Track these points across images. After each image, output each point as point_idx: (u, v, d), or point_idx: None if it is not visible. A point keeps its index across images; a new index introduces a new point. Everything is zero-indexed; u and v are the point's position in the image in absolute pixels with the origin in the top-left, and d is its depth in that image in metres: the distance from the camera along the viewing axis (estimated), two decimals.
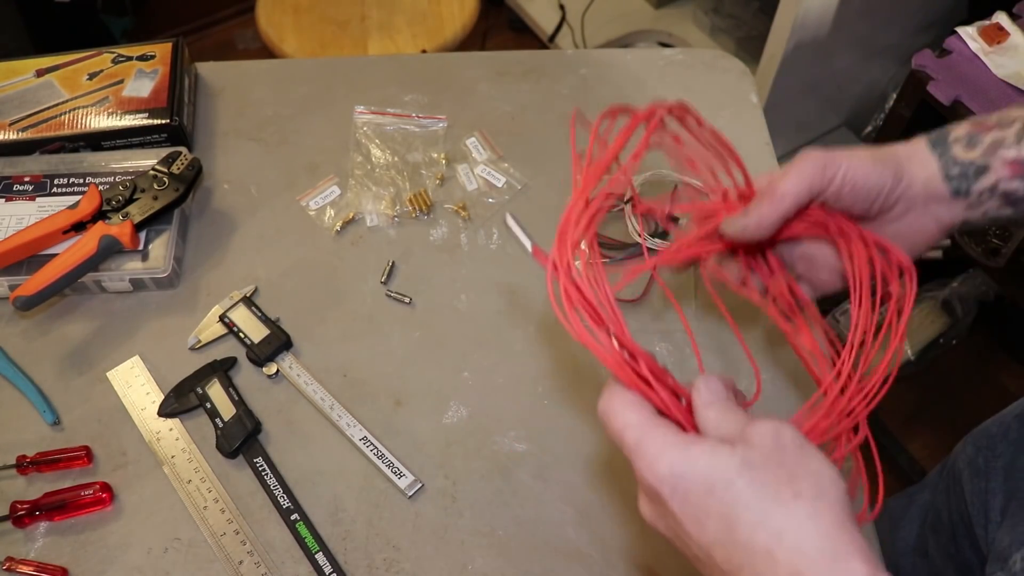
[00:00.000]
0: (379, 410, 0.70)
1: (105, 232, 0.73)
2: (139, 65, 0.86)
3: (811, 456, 0.38)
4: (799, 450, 0.38)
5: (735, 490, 0.37)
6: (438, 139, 0.87)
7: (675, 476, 0.39)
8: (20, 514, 0.63)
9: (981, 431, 0.78)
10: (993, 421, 0.78)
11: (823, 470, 0.37)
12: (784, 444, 0.38)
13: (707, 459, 0.38)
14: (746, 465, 0.37)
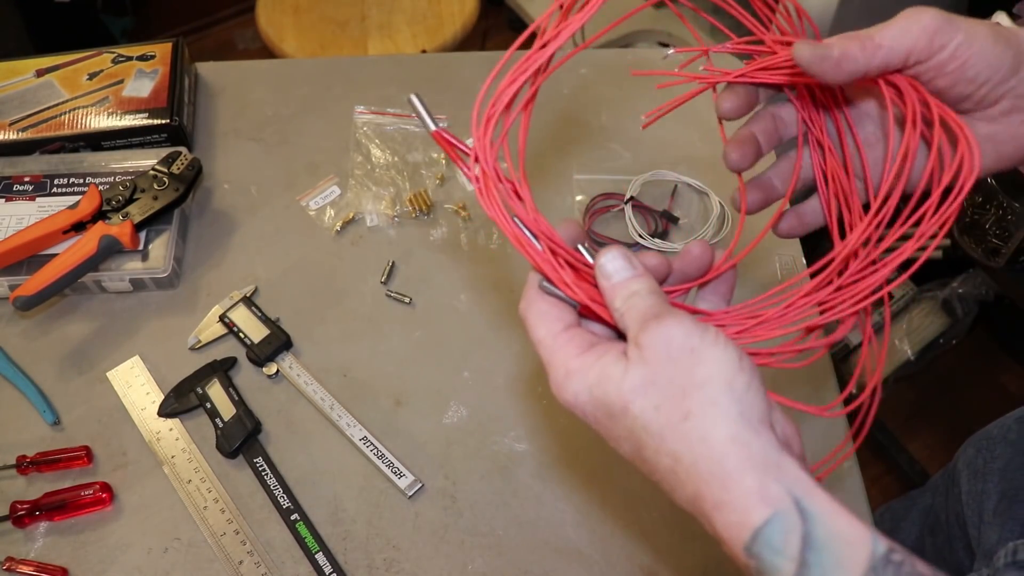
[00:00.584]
0: (379, 410, 0.70)
1: (105, 232, 0.73)
2: (139, 65, 0.86)
3: (702, 360, 0.36)
4: (689, 357, 0.36)
5: (631, 416, 0.37)
6: None
7: (580, 404, 0.39)
8: (20, 514, 0.63)
9: (983, 433, 0.78)
10: (995, 424, 0.78)
11: (715, 375, 0.36)
12: (674, 355, 0.36)
13: (604, 386, 0.38)
14: (639, 388, 0.37)
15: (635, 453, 0.38)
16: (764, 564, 0.33)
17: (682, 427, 0.35)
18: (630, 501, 0.66)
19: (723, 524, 0.34)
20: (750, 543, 0.33)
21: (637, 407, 0.36)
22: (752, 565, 0.33)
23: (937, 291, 1.57)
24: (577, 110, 0.90)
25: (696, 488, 0.35)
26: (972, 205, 1.30)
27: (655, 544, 0.64)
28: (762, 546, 0.33)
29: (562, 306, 0.41)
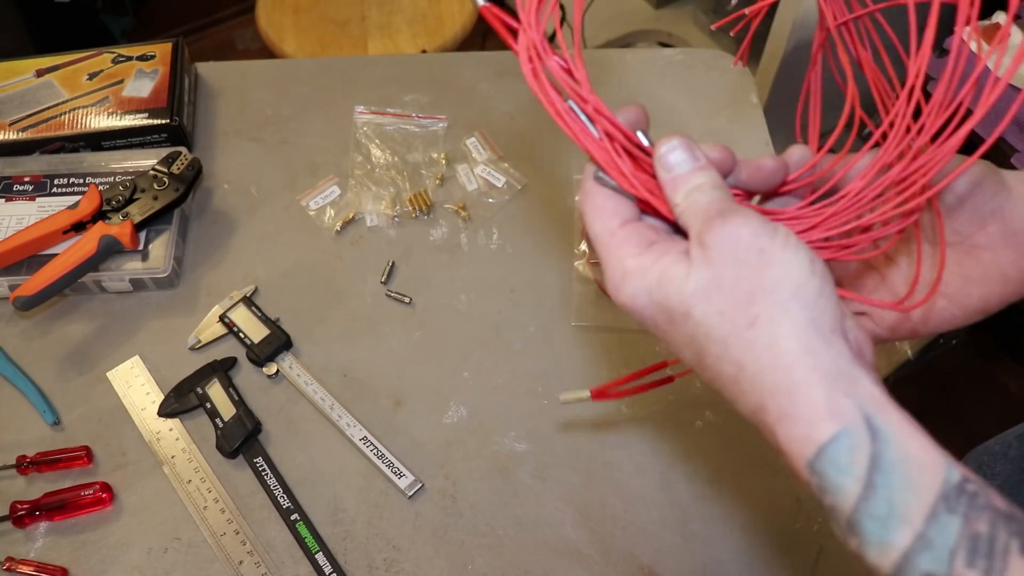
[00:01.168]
0: (379, 410, 0.70)
1: (105, 232, 0.73)
2: (139, 65, 0.86)
3: (771, 263, 0.34)
4: (758, 258, 0.34)
5: (693, 322, 0.35)
6: (438, 139, 0.87)
7: (637, 307, 0.37)
8: (20, 514, 0.63)
9: (983, 449, 0.78)
10: (996, 439, 0.77)
11: (785, 279, 0.33)
12: (741, 256, 0.34)
13: (664, 289, 0.35)
14: (703, 291, 0.34)
15: (696, 360, 0.36)
16: (827, 482, 0.31)
17: (747, 334, 0.33)
18: (630, 501, 0.66)
19: (786, 438, 0.32)
20: (814, 459, 0.31)
21: (700, 312, 0.34)
22: (814, 482, 0.32)
23: None
24: None
25: (760, 399, 0.33)
26: None
27: (655, 544, 0.64)
28: (826, 464, 0.31)
29: (620, 199, 0.38)
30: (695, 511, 0.65)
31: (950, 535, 0.29)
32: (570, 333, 0.74)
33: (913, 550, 0.30)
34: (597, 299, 0.76)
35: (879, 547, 0.30)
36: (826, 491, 0.31)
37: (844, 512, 0.31)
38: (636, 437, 0.69)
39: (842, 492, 0.31)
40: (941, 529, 0.30)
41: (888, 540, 0.30)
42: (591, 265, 0.78)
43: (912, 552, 0.30)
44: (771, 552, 0.64)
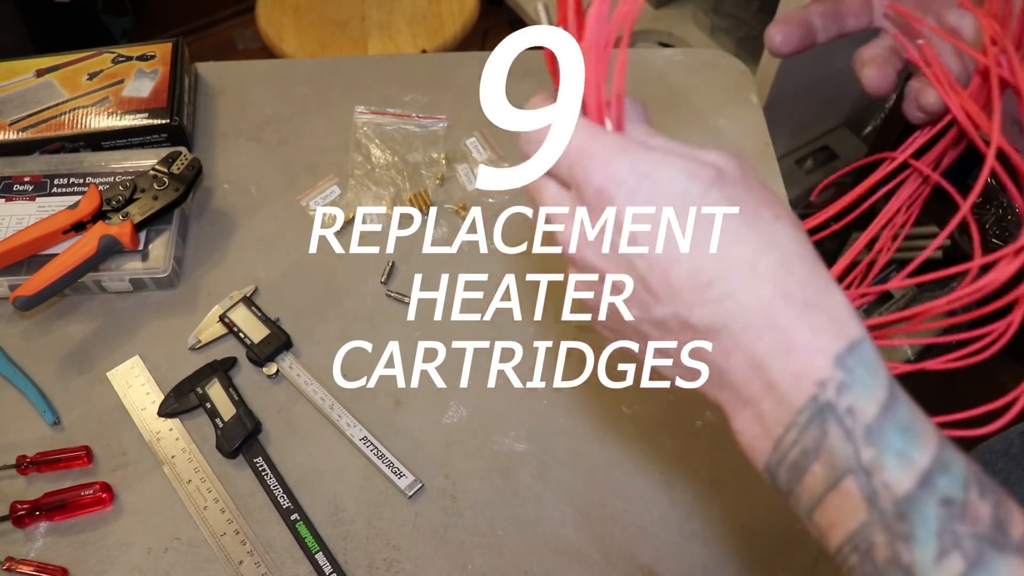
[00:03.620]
0: (379, 410, 0.70)
1: (105, 232, 0.73)
2: (139, 65, 0.86)
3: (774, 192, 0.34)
4: (762, 183, 0.34)
5: (711, 199, 0.32)
6: (438, 139, 0.87)
7: (639, 174, 0.32)
8: (20, 514, 0.63)
9: (985, 447, 0.78)
10: (998, 437, 0.77)
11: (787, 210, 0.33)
12: (748, 173, 0.33)
13: (675, 162, 0.32)
14: (720, 179, 0.32)
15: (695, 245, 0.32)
16: (855, 379, 0.30)
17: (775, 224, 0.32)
18: (630, 501, 0.66)
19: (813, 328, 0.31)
20: (845, 353, 0.30)
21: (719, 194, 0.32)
22: (837, 379, 0.30)
23: (937, 291, 1.57)
24: None
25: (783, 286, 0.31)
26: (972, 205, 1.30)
27: (655, 544, 0.64)
28: (858, 360, 0.30)
29: None
30: (695, 511, 0.65)
31: (960, 463, 0.29)
32: (570, 333, 0.74)
33: (933, 469, 0.29)
34: None
35: (901, 460, 0.29)
36: (849, 390, 0.30)
37: (865, 416, 0.30)
38: (636, 437, 0.69)
39: (868, 393, 0.30)
40: (952, 456, 0.29)
41: (910, 455, 0.29)
42: None
43: (933, 471, 0.29)
44: (771, 552, 0.64)
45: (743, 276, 0.32)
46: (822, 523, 0.31)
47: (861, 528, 0.30)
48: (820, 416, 0.30)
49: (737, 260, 0.32)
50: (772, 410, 0.32)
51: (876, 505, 0.29)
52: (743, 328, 0.32)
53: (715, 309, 0.32)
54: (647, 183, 0.32)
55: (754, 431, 0.33)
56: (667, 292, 0.33)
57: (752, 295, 0.31)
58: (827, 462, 0.30)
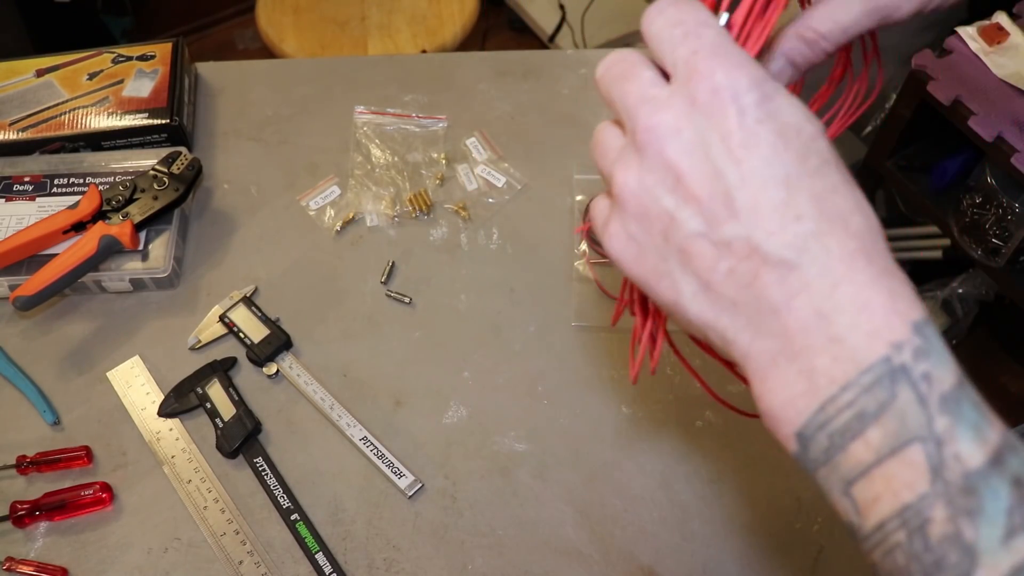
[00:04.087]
0: (379, 410, 0.70)
1: (105, 232, 0.73)
2: (139, 65, 0.86)
3: None
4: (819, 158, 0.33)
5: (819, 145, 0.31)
6: (438, 139, 0.87)
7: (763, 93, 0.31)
8: (20, 514, 0.63)
9: None
10: None
11: None
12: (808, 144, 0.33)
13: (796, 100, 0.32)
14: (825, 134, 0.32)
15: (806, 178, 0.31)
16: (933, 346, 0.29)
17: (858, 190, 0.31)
18: (630, 501, 0.66)
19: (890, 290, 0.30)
20: (922, 323, 0.29)
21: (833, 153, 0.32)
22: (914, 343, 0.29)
23: (937, 291, 1.57)
24: (577, 110, 0.90)
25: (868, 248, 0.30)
26: (972, 205, 1.30)
27: (655, 544, 0.64)
28: (933, 330, 0.29)
29: None
30: (695, 511, 0.65)
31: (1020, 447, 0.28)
32: (570, 333, 0.74)
33: (1004, 448, 0.28)
34: (597, 299, 0.76)
35: (976, 433, 0.28)
36: (927, 356, 0.29)
37: (942, 385, 0.28)
38: (636, 437, 0.69)
39: (945, 362, 0.29)
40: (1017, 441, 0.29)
41: (983, 429, 0.28)
42: (591, 265, 0.78)
43: (1004, 450, 0.28)
44: (771, 552, 0.64)
45: (834, 224, 0.30)
46: (864, 496, 0.29)
47: (918, 501, 0.28)
48: (891, 378, 0.28)
49: (832, 208, 0.30)
50: (828, 366, 0.29)
51: (942, 476, 0.27)
52: (820, 272, 0.30)
53: (796, 242, 0.30)
54: (768, 103, 0.31)
55: (795, 389, 0.30)
56: (749, 211, 0.30)
57: (838, 243, 0.30)
58: (890, 428, 0.28)
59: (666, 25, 0.33)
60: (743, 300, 0.31)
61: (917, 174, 1.40)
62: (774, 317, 0.31)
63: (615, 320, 0.42)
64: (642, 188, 0.33)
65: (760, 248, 0.30)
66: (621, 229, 0.34)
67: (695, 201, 0.31)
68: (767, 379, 0.31)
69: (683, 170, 0.32)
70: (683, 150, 0.32)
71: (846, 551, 0.64)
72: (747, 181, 0.30)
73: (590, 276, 0.77)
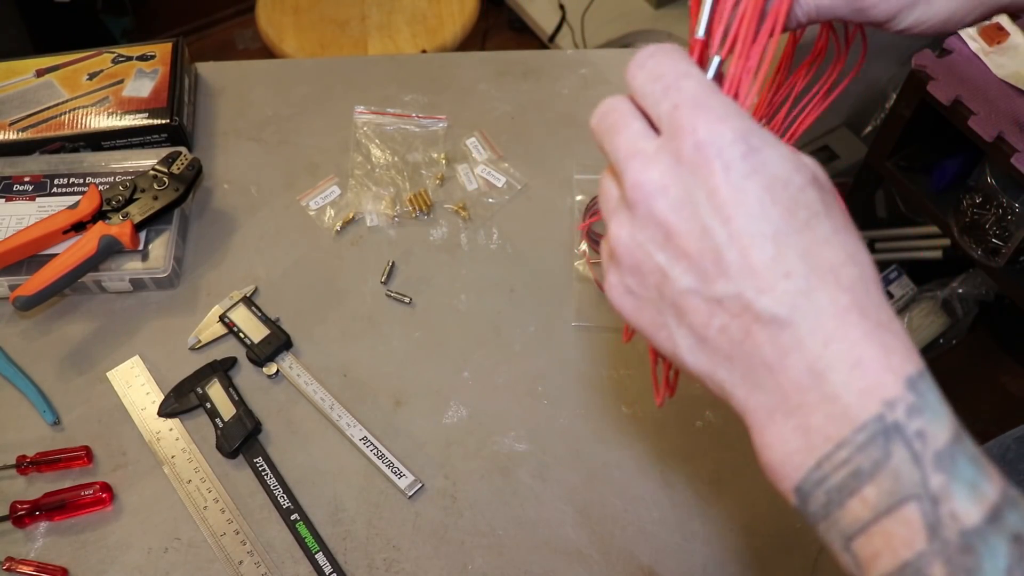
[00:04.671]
0: (379, 410, 0.70)
1: (105, 232, 0.73)
2: (139, 65, 0.86)
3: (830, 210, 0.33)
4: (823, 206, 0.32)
5: (808, 196, 0.31)
6: (438, 139, 0.87)
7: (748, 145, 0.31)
8: (20, 514, 0.63)
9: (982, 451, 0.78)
10: (994, 442, 0.77)
11: None
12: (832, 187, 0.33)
13: (784, 149, 0.31)
14: (816, 181, 0.32)
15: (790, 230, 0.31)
16: (927, 403, 0.29)
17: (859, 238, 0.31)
18: (630, 501, 0.66)
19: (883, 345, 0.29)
20: (917, 378, 0.29)
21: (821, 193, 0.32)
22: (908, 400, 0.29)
23: (937, 291, 1.57)
24: (577, 110, 0.90)
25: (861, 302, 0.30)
26: (972, 205, 1.30)
27: (655, 544, 0.64)
28: (928, 386, 0.29)
29: None
30: (695, 511, 0.65)
31: (1021, 501, 0.28)
32: (570, 333, 0.74)
33: (1003, 504, 0.28)
34: (597, 299, 0.76)
35: (972, 490, 0.28)
36: (920, 413, 0.29)
37: (936, 442, 0.28)
38: (636, 437, 0.69)
39: (940, 419, 0.29)
40: (1017, 495, 0.28)
41: (981, 487, 0.28)
42: (591, 265, 0.78)
43: (1002, 506, 0.28)
44: (771, 552, 0.64)
45: (824, 279, 0.30)
46: (864, 552, 0.29)
47: (916, 559, 0.28)
48: (884, 437, 0.28)
49: (822, 262, 0.30)
50: (823, 424, 0.29)
51: (939, 535, 0.27)
52: (812, 329, 0.30)
53: (786, 300, 0.30)
54: (754, 157, 0.31)
55: (793, 445, 0.30)
56: (739, 269, 0.31)
57: (829, 298, 0.30)
58: (885, 486, 0.28)
59: (647, 80, 0.33)
60: (737, 355, 0.32)
61: (917, 174, 1.40)
62: (768, 374, 0.31)
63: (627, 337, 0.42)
64: (635, 244, 0.33)
65: (751, 306, 0.31)
66: (619, 281, 0.35)
67: (686, 258, 0.32)
68: (765, 434, 0.32)
69: (672, 227, 0.32)
70: (671, 207, 0.32)
71: None
72: (735, 239, 0.31)
73: (590, 276, 0.77)
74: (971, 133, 1.16)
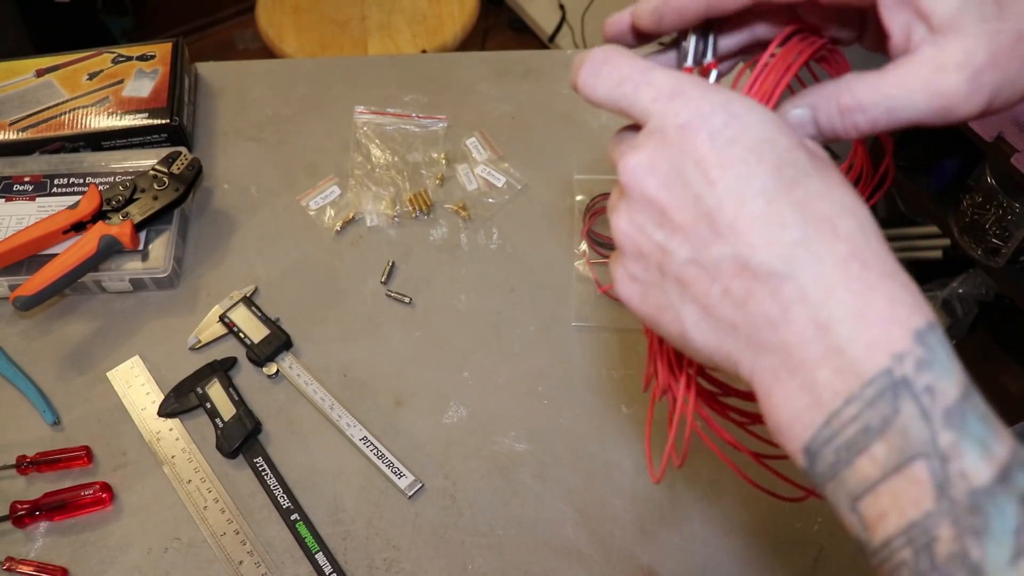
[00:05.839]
0: (379, 410, 0.70)
1: (105, 232, 0.73)
2: (139, 65, 0.86)
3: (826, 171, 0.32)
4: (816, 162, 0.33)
5: (795, 155, 0.31)
6: (438, 139, 0.87)
7: (730, 113, 0.31)
8: (20, 514, 0.63)
9: None
10: None
11: None
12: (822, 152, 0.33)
13: (767, 112, 0.32)
14: (803, 143, 0.32)
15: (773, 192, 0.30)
16: (936, 357, 0.28)
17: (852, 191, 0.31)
18: (630, 501, 0.66)
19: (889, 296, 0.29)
20: (926, 331, 0.28)
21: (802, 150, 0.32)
22: (916, 354, 0.28)
23: (937, 291, 1.57)
24: (577, 110, 0.90)
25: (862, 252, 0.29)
26: (972, 205, 1.30)
27: (655, 544, 0.64)
28: (937, 339, 0.28)
29: None
30: (695, 511, 0.65)
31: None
32: (570, 333, 0.74)
33: (1013, 464, 0.27)
34: (597, 299, 0.76)
35: (982, 448, 0.27)
36: (930, 368, 0.28)
37: (946, 398, 0.27)
38: (636, 437, 0.69)
39: (949, 374, 0.28)
40: (1022, 452, 0.27)
41: (991, 446, 0.27)
42: (591, 265, 0.78)
43: (1012, 466, 0.27)
44: (771, 552, 0.64)
45: (821, 229, 0.30)
46: (870, 512, 0.28)
47: (924, 519, 0.27)
48: (893, 391, 0.28)
49: (816, 213, 0.30)
50: (831, 379, 0.29)
51: (947, 494, 0.27)
52: (813, 280, 0.29)
53: (784, 252, 0.30)
54: (737, 122, 0.31)
55: (800, 403, 0.30)
56: (732, 228, 0.30)
57: (828, 249, 0.29)
58: (893, 443, 0.28)
59: (612, 85, 0.34)
60: (741, 320, 0.31)
61: (917, 174, 1.40)
62: (772, 331, 0.30)
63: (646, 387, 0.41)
64: (634, 227, 0.34)
65: (748, 264, 0.30)
66: (624, 272, 0.35)
67: (681, 230, 0.32)
68: (772, 395, 0.31)
69: (664, 202, 0.32)
70: (661, 183, 0.32)
71: (846, 551, 0.64)
72: (724, 199, 0.31)
73: (590, 276, 0.77)
74: (971, 133, 1.16)
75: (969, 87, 0.32)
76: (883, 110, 0.34)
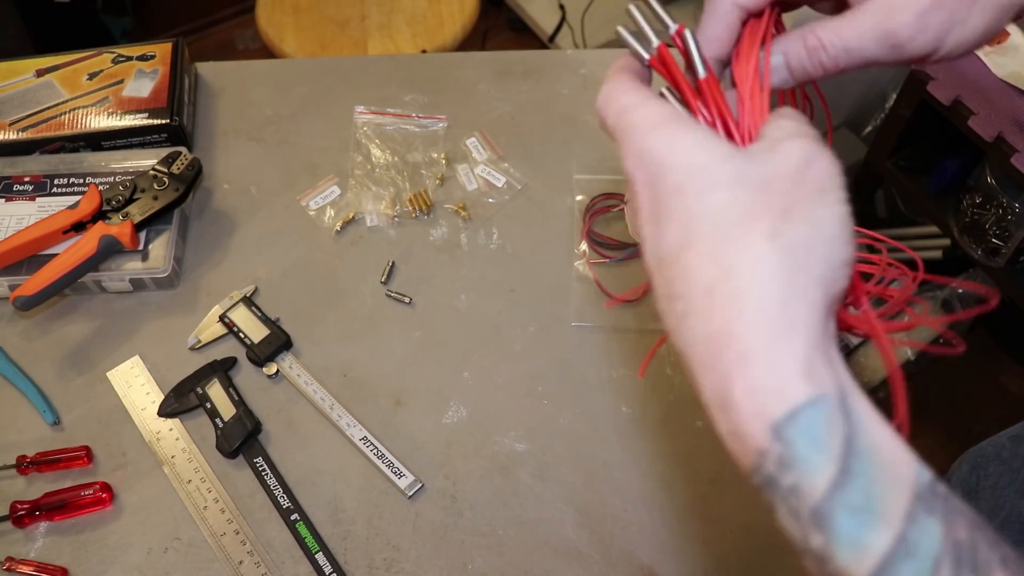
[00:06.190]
0: (379, 410, 0.70)
1: (105, 232, 0.73)
2: (139, 65, 0.86)
3: (826, 203, 0.31)
4: (817, 191, 0.31)
5: (706, 204, 0.31)
6: (438, 139, 0.87)
7: (654, 161, 0.32)
8: (20, 514, 0.63)
9: (977, 450, 0.78)
10: (989, 441, 0.77)
11: (826, 223, 0.30)
12: (806, 177, 0.31)
13: (692, 155, 0.32)
14: (737, 180, 0.31)
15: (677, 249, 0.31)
16: (796, 455, 0.27)
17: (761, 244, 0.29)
18: (630, 501, 0.66)
19: (749, 386, 0.28)
20: (784, 423, 0.27)
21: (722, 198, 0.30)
22: (775, 452, 0.27)
23: (937, 291, 1.57)
24: (577, 110, 0.90)
25: (728, 322, 0.29)
26: (972, 205, 1.30)
27: (655, 544, 0.64)
28: (799, 432, 0.27)
29: None
30: (695, 511, 0.65)
31: (933, 541, 0.26)
32: (570, 333, 0.74)
33: (895, 555, 0.26)
34: (597, 299, 0.76)
35: (853, 548, 0.26)
36: (790, 468, 0.27)
37: (810, 499, 0.27)
38: (636, 437, 0.69)
39: (813, 472, 0.27)
40: (922, 532, 0.26)
41: (864, 540, 0.26)
42: (591, 265, 0.78)
43: (893, 558, 0.26)
44: (771, 552, 0.64)
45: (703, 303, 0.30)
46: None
47: None
48: (768, 487, 0.28)
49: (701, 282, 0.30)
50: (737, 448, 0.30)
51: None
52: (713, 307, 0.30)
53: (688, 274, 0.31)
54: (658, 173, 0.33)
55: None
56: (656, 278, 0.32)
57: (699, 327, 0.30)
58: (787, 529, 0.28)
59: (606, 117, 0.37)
60: None
61: (917, 174, 1.40)
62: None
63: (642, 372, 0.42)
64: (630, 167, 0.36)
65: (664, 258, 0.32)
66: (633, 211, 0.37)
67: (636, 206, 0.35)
68: None
69: None
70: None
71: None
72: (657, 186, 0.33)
73: (590, 276, 0.77)
74: (971, 133, 1.16)
75: (915, 27, 0.36)
76: (841, 49, 0.37)
